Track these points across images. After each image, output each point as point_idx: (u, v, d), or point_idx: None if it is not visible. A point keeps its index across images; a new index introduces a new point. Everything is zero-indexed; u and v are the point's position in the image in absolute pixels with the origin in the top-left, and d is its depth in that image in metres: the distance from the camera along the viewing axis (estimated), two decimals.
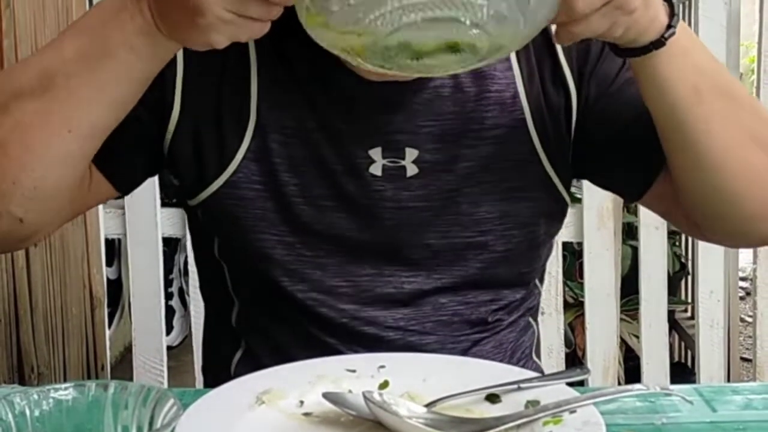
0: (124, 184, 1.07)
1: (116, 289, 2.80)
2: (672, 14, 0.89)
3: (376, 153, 1.02)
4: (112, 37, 0.87)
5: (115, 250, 2.74)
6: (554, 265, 2.06)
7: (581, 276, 2.16)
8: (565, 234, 2.06)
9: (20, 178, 0.92)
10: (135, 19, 0.86)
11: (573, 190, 1.14)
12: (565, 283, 2.22)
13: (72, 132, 0.91)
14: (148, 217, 1.91)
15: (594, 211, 2.03)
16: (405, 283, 1.06)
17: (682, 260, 2.82)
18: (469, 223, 1.05)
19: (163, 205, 1.93)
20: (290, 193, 1.03)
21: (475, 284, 1.08)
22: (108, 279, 2.12)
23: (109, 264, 2.56)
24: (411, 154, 1.02)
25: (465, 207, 1.04)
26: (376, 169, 1.02)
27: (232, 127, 1.02)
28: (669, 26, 0.89)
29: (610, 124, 1.04)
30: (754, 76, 2.12)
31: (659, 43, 0.89)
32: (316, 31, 0.77)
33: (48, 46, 0.94)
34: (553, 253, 2.02)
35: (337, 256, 1.05)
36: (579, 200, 2.04)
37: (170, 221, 1.95)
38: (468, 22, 0.74)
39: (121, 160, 1.02)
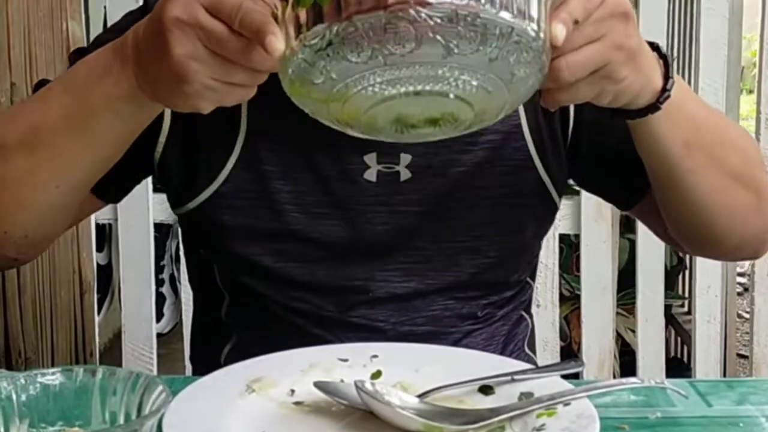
0: (116, 197, 1.09)
1: (106, 275, 2.79)
2: (667, 76, 0.87)
3: (371, 158, 1.01)
4: (97, 101, 0.87)
5: (105, 235, 2.72)
6: (550, 258, 2.04)
7: (578, 269, 2.15)
8: (562, 226, 2.04)
9: (11, 230, 0.95)
10: (120, 84, 0.85)
11: (570, 182, 1.13)
12: (561, 276, 2.20)
13: (59, 188, 0.93)
14: (139, 203, 1.90)
15: (592, 203, 2.01)
16: (397, 287, 1.05)
17: (680, 255, 2.81)
18: (463, 228, 1.04)
19: (155, 190, 1.91)
20: (282, 201, 1.02)
21: (466, 286, 1.08)
22: (98, 264, 2.10)
23: (99, 249, 2.55)
24: (405, 158, 1.02)
25: (458, 212, 1.04)
26: (371, 175, 1.01)
27: (222, 137, 1.01)
28: (664, 89, 0.87)
29: (605, 137, 1.03)
30: (756, 70, 2.10)
31: (654, 107, 0.88)
32: (300, 99, 0.78)
33: (35, 100, 0.94)
34: (550, 245, 2.01)
35: (328, 261, 1.04)
36: (577, 192, 2.02)
37: (162, 206, 1.93)
38: (452, 96, 0.75)
39: (111, 178, 1.00)
